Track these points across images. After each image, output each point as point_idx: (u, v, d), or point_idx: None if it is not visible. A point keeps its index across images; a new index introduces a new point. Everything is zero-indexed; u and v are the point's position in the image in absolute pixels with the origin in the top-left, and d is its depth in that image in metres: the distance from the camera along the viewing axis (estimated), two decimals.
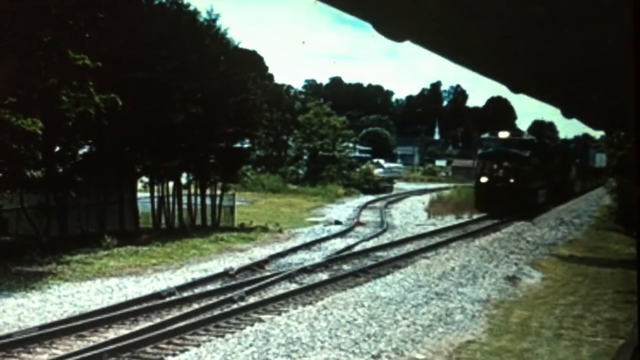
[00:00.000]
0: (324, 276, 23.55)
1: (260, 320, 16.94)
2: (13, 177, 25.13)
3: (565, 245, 34.41)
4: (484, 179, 46.26)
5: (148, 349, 14.54)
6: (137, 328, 16.04)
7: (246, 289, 20.34)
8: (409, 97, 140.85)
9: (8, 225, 29.63)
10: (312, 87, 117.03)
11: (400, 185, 76.46)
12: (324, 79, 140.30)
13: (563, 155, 66.58)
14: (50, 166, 28.26)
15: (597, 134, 77.06)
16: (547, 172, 51.96)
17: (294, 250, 29.52)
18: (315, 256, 27.91)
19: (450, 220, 42.11)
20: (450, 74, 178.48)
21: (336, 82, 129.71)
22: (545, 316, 18.35)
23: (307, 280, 22.90)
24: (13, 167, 24.03)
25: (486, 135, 50.57)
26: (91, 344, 14.73)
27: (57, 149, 29.78)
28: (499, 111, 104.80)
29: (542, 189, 50.08)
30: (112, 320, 16.74)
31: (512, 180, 45.52)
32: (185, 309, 18.03)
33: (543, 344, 15.51)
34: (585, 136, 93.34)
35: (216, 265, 25.08)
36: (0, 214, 28.57)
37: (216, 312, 17.70)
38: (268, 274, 23.51)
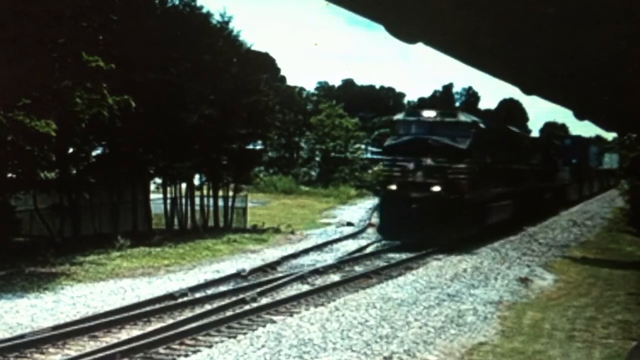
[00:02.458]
0: (335, 277, 23.56)
1: (272, 322, 16.97)
2: (27, 178, 25.28)
3: (577, 247, 34.36)
4: (392, 186, 30.58)
5: (160, 350, 14.58)
6: (150, 329, 16.09)
7: (258, 290, 20.39)
8: (421, 99, 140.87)
9: (22, 226, 29.81)
10: (324, 88, 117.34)
11: None
12: (336, 81, 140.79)
13: (548, 151, 50.68)
14: (63, 167, 28.41)
15: (610, 136, 76.06)
16: (512, 174, 37.42)
17: (306, 251, 29.57)
18: (327, 257, 27.93)
19: None
20: (462, 75, 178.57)
21: (348, 83, 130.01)
22: (558, 318, 18.32)
23: (319, 281, 22.93)
24: (27, 168, 24.17)
25: (400, 116, 33.83)
26: (104, 344, 14.78)
27: (71, 150, 29.93)
28: (512, 112, 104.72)
29: (499, 201, 34.79)
30: (124, 320, 16.79)
31: (436, 188, 29.69)
32: (198, 310, 18.07)
33: (555, 346, 15.49)
34: (598, 137, 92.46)
35: (228, 267, 25.15)
36: (14, 215, 28.72)
37: (228, 313, 17.75)
38: (280, 275, 23.55)
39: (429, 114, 31.90)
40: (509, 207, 36.83)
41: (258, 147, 43.55)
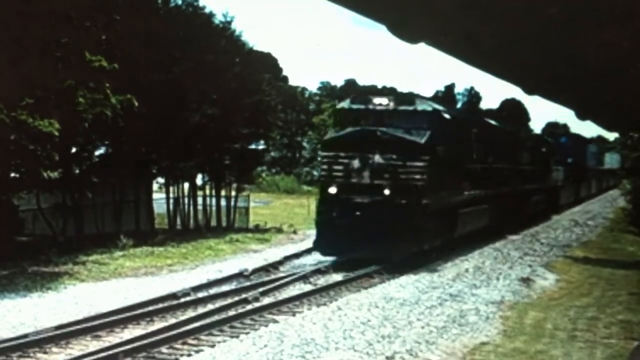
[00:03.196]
0: (338, 277, 23.54)
1: (275, 321, 16.99)
2: (30, 178, 25.33)
3: (579, 247, 34.37)
4: (332, 189, 25.21)
5: (163, 349, 14.61)
6: (153, 328, 16.11)
7: (261, 289, 20.40)
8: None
9: (25, 226, 29.89)
10: (326, 88, 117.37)
11: None
12: (338, 81, 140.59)
13: (538, 149, 45.92)
14: (66, 167, 28.49)
15: (612, 136, 75.38)
16: (489, 174, 32.58)
17: (308, 251, 29.53)
18: (330, 257, 27.88)
19: None
20: (464, 75, 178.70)
21: (351, 83, 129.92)
22: (560, 318, 18.34)
23: (322, 281, 22.92)
24: (30, 167, 24.22)
25: (344, 103, 27.47)
26: (107, 344, 14.80)
27: (74, 149, 30.03)
28: (513, 112, 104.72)
29: (472, 206, 29.86)
30: (127, 320, 16.82)
31: (386, 191, 24.53)
32: (200, 310, 18.10)
33: (557, 346, 15.51)
34: (600, 137, 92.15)
35: (231, 266, 25.17)
36: (17, 214, 28.79)
37: (231, 312, 17.77)
38: (282, 274, 23.56)
39: (379, 100, 26.16)
40: (485, 212, 32.13)
41: (260, 147, 43.59)
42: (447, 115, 27.31)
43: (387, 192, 24.54)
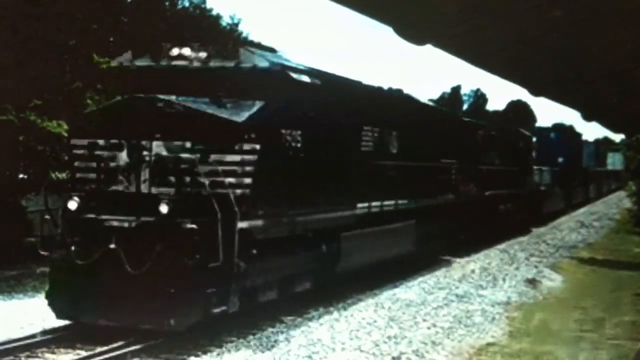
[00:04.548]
0: None
1: (281, 322, 17.04)
2: (38, 179, 25.41)
3: (585, 248, 34.36)
4: (72, 203, 15.10)
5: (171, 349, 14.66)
6: None
7: None
8: (430, 101, 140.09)
9: (33, 227, 29.93)
10: None
11: None
12: None
13: (514, 145, 38.01)
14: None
15: (618, 137, 74.72)
16: (416, 176, 22.74)
17: None
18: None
19: None
20: (470, 77, 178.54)
21: None
22: (566, 319, 18.37)
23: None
24: (38, 168, 24.31)
25: (123, 58, 16.16)
26: (115, 344, 14.85)
27: None
28: (519, 114, 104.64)
29: (380, 225, 20.31)
30: None
31: (165, 208, 13.46)
32: None
33: (563, 347, 15.54)
34: (606, 139, 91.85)
35: None
36: (25, 216, 28.85)
37: None
38: None
39: (178, 52, 15.92)
40: (409, 232, 22.72)
41: None
42: (304, 78, 16.45)
43: (164, 209, 13.65)
